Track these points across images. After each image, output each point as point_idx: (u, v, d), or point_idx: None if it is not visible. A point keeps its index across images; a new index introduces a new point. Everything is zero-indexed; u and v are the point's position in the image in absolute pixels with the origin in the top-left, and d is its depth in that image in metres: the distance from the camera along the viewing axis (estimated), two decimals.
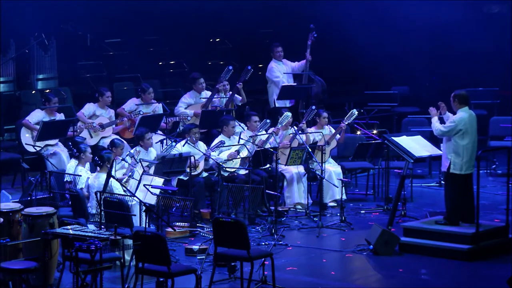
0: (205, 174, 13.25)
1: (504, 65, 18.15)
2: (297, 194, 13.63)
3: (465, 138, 11.39)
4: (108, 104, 14.11)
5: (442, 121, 11.73)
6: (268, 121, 13.76)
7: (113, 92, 14.99)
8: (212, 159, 13.00)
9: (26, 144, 13.44)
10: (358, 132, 15.33)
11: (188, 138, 13.06)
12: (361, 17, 17.95)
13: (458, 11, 18.11)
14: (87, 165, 12.16)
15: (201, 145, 13.37)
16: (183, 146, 13.08)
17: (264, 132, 13.64)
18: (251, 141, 13.44)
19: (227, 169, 13.17)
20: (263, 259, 10.11)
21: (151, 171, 12.29)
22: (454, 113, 11.52)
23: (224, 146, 13.24)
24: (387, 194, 13.74)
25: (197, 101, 14.61)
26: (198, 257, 11.24)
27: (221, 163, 12.88)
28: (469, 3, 18.39)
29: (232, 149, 13.29)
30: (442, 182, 13.44)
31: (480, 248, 11.20)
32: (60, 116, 13.70)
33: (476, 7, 18.87)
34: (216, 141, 13.30)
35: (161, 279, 9.69)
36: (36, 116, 13.55)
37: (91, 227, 10.25)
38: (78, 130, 13.66)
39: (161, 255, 9.30)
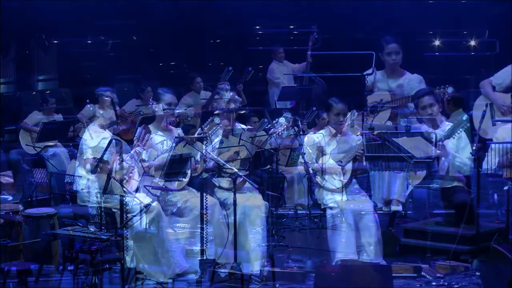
0: (205, 175, 13.23)
1: (504, 65, 18.11)
2: (298, 195, 13.62)
3: (461, 140, 11.37)
4: (108, 105, 14.09)
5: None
6: (266, 120, 13.73)
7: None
8: (212, 159, 12.97)
9: (26, 145, 13.44)
10: (358, 133, 15.28)
11: (189, 140, 13.05)
12: (361, 17, 17.95)
13: (458, 11, 18.12)
14: (88, 166, 12.15)
15: (200, 146, 13.35)
16: (183, 147, 13.06)
17: (264, 132, 13.64)
18: (250, 141, 13.40)
19: (227, 170, 13.14)
20: (263, 260, 10.11)
21: (151, 172, 12.28)
22: (447, 116, 11.55)
23: (223, 147, 13.22)
24: (387, 195, 13.72)
25: (196, 101, 14.61)
26: (198, 258, 11.23)
27: (221, 164, 12.86)
28: (469, 3, 18.39)
29: (231, 150, 13.26)
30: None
31: (480, 249, 11.20)
32: (58, 117, 13.70)
33: (476, 7, 18.86)
34: (215, 140, 13.29)
35: (161, 280, 9.69)
36: (34, 118, 13.55)
37: (92, 228, 10.25)
38: (78, 130, 13.67)
39: (161, 256, 9.29)
